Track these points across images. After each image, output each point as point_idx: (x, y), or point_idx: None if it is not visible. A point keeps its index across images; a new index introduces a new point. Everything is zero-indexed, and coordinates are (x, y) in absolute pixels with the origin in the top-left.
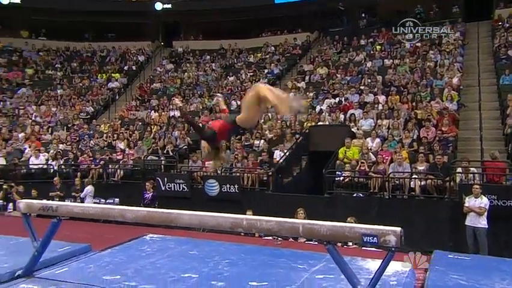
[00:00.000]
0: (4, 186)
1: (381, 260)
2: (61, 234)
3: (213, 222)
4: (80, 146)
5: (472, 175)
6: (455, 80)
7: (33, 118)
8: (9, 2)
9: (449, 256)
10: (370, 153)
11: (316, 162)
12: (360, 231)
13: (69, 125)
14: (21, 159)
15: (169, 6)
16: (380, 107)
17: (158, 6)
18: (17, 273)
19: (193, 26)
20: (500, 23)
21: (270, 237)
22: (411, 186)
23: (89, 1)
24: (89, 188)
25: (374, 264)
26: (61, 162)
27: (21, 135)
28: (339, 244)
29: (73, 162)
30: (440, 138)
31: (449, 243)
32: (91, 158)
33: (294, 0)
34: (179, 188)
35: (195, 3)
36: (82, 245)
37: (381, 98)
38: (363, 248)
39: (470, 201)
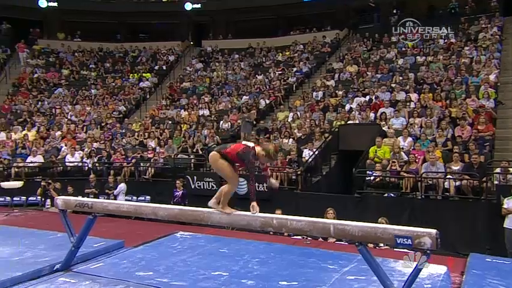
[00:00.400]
0: (42, 183)
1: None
2: (95, 230)
3: (242, 221)
4: (112, 145)
5: (511, 176)
6: (492, 77)
7: (68, 117)
8: (47, 6)
9: (487, 260)
10: (402, 153)
11: (346, 162)
12: (393, 232)
13: (102, 124)
14: (58, 157)
15: (199, 6)
16: (412, 105)
17: (188, 6)
18: (55, 267)
19: (222, 25)
20: None
21: (299, 237)
22: (446, 186)
23: (121, 3)
24: (122, 186)
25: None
26: (95, 160)
27: (58, 133)
28: (371, 245)
29: (106, 160)
30: (476, 137)
31: (486, 246)
32: (123, 156)
33: None
34: (209, 187)
35: (224, 3)
36: (115, 241)
37: (414, 96)
38: (395, 249)
39: (509, 203)
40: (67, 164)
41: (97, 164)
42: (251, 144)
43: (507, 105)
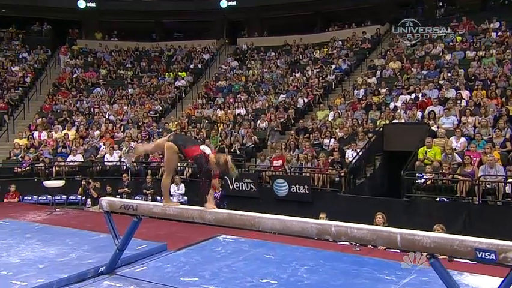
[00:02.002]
0: (83, 182)
1: (502, 278)
2: (136, 232)
3: (297, 227)
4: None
5: None
6: None
7: (106, 116)
8: (86, 6)
9: None
10: (455, 154)
11: (391, 163)
12: (473, 245)
13: (139, 123)
14: (97, 156)
15: (234, 3)
16: (464, 103)
17: (224, 3)
18: (100, 270)
19: (257, 23)
20: None
21: (347, 243)
22: (507, 191)
23: (156, 2)
24: (182, 187)
25: (485, 282)
26: (133, 159)
27: (96, 133)
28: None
29: (143, 160)
30: None
31: None
32: (161, 156)
33: None
34: (247, 188)
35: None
36: (158, 243)
37: (465, 94)
38: (454, 259)
39: None
40: (105, 163)
41: (134, 164)
42: (208, 151)
43: None
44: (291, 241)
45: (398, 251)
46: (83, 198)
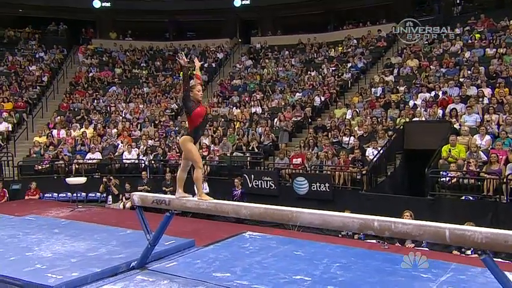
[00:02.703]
0: (104, 180)
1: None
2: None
3: (337, 222)
4: (167, 142)
5: None
6: None
7: (123, 115)
8: (101, 6)
9: None
10: (480, 152)
11: (412, 161)
12: None
13: (156, 122)
14: (116, 154)
15: (247, 2)
16: (486, 101)
17: (237, 2)
18: (131, 265)
19: (271, 21)
20: None
21: (374, 241)
22: None
23: (170, 1)
24: (205, 185)
25: None
26: (151, 157)
27: (114, 131)
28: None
29: (161, 158)
30: None
31: None
32: (178, 154)
33: None
34: (267, 186)
35: None
36: (186, 240)
37: (486, 91)
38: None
39: None
40: (124, 161)
41: (152, 162)
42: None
43: None
44: (317, 238)
45: (426, 249)
46: (104, 195)
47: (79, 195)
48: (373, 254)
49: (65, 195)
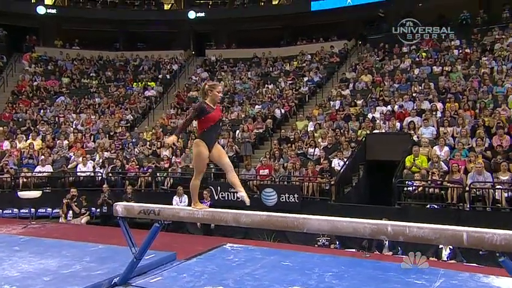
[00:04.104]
0: (72, 192)
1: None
2: (124, 243)
3: (348, 228)
4: (125, 154)
5: None
6: None
7: (74, 126)
8: (46, 12)
9: None
10: (441, 162)
11: (374, 172)
12: None
13: (111, 133)
14: (69, 166)
15: (202, 14)
16: (439, 115)
17: (192, 14)
18: (113, 281)
19: (226, 35)
20: None
21: (353, 250)
22: (496, 197)
23: (121, 10)
24: (185, 198)
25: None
26: (109, 170)
27: (65, 142)
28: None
29: (120, 170)
30: None
31: None
32: (138, 166)
33: (331, 7)
34: (234, 197)
35: (228, 12)
36: (168, 253)
37: (439, 105)
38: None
39: None
40: (78, 174)
41: (110, 174)
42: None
43: None
44: (294, 248)
45: (403, 256)
46: (65, 210)
47: (28, 210)
48: (361, 262)
49: (10, 211)
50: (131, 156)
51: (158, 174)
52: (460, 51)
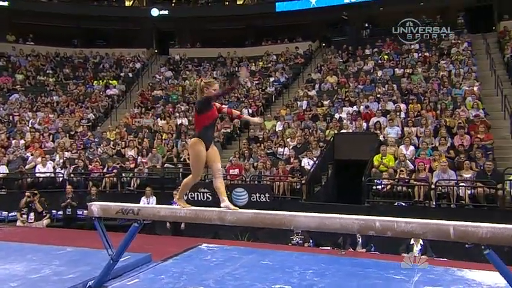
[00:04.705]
0: (27, 194)
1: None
2: (93, 244)
3: (335, 224)
4: (87, 154)
5: None
6: (475, 89)
7: (30, 125)
8: None
9: None
10: (407, 161)
11: (342, 171)
12: None
13: (71, 132)
14: (26, 167)
15: (166, 12)
16: (403, 115)
17: (155, 12)
18: (88, 285)
19: (189, 34)
20: (506, 35)
21: (329, 247)
22: (460, 194)
23: (78, 5)
24: (153, 200)
25: (485, 276)
26: (71, 170)
27: (21, 142)
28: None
29: (83, 171)
30: (478, 146)
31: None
32: (102, 166)
33: (295, 9)
34: (203, 198)
35: (192, 10)
36: (142, 254)
37: (402, 106)
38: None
39: None
40: (37, 175)
41: (72, 175)
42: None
43: (492, 116)
44: (268, 247)
45: (377, 252)
46: (25, 212)
47: None
48: (339, 260)
49: None
50: (94, 157)
51: (123, 174)
52: (420, 54)
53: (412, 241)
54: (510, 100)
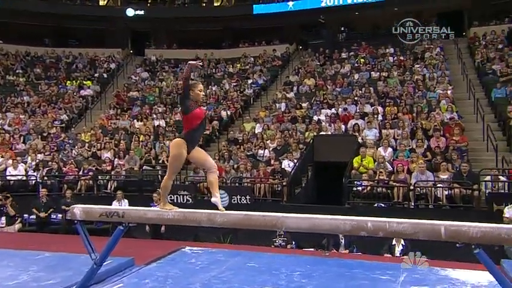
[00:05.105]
0: None
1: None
2: (72, 249)
3: (327, 225)
4: (61, 156)
5: (501, 184)
6: (449, 93)
7: (0, 126)
8: None
9: None
10: (386, 163)
11: (322, 172)
12: None
13: (44, 134)
14: None
15: (141, 12)
16: (380, 118)
17: (130, 12)
18: None
19: (165, 34)
20: (476, 40)
21: (312, 249)
22: (438, 195)
23: (50, 4)
24: (125, 203)
25: (469, 275)
26: (44, 173)
27: None
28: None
29: (57, 173)
30: (454, 148)
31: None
32: (77, 169)
33: (273, 11)
34: (183, 200)
35: (168, 11)
36: (125, 258)
37: (380, 109)
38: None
39: (510, 212)
40: (8, 177)
41: (46, 178)
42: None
43: (465, 119)
44: (251, 249)
45: (359, 253)
46: None
47: None
48: (325, 261)
49: None
50: (68, 159)
51: (100, 177)
52: (395, 58)
53: (394, 241)
54: (482, 104)
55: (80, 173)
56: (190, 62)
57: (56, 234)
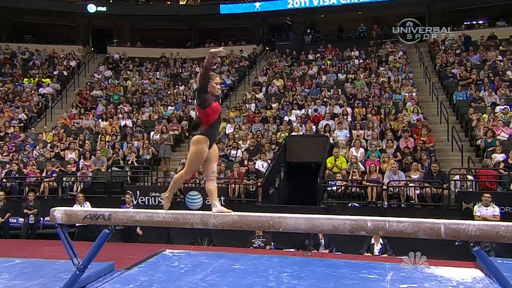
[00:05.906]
0: None
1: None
2: (44, 254)
3: (327, 226)
4: (21, 157)
5: (469, 183)
6: (414, 95)
7: None
8: None
9: (498, 261)
10: (359, 163)
11: (294, 173)
12: None
13: (1, 134)
14: None
15: (104, 9)
16: (349, 118)
17: (92, 8)
18: None
19: (129, 32)
20: (436, 45)
21: (292, 249)
22: (410, 195)
23: None
24: (87, 205)
25: (452, 272)
26: (2, 175)
27: None
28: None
29: (17, 175)
30: (422, 148)
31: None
32: (39, 170)
33: (240, 12)
34: (155, 202)
35: (132, 8)
36: (105, 263)
37: (349, 110)
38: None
39: (481, 210)
40: None
41: (4, 180)
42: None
43: (429, 120)
44: (232, 251)
45: (339, 253)
46: None
47: None
48: (311, 261)
49: None
50: (29, 160)
51: (64, 179)
52: (360, 61)
53: (373, 241)
54: (445, 106)
55: (44, 174)
56: (211, 50)
57: (16, 239)
